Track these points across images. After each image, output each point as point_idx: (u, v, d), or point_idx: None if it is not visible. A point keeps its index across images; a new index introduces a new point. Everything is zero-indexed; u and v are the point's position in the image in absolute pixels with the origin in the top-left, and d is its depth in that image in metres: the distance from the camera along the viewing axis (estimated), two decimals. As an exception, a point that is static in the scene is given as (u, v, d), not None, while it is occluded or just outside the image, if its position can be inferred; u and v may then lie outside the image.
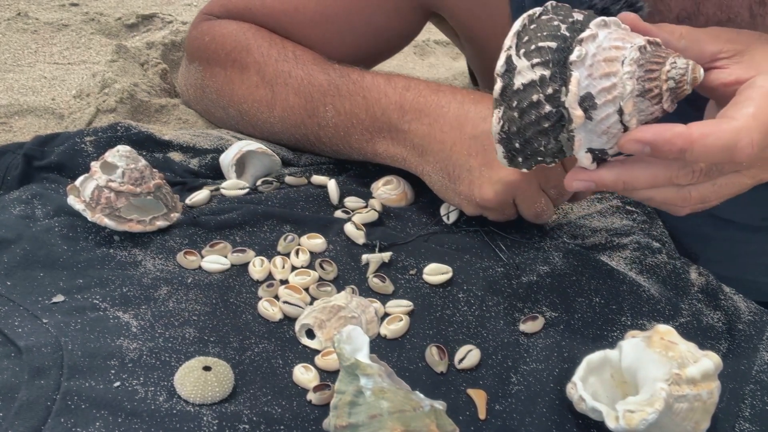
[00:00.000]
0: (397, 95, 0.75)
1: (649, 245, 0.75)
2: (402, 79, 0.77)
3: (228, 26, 0.87)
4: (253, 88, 0.82)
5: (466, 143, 0.71)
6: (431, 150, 0.73)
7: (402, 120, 0.74)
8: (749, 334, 0.67)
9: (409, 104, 0.74)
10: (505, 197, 0.70)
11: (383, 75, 0.78)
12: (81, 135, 0.78)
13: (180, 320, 0.60)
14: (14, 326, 0.57)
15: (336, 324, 0.61)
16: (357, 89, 0.77)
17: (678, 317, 0.67)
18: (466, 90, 0.76)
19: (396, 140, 0.75)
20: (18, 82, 1.06)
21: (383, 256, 0.69)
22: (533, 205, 0.71)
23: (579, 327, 0.65)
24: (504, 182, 0.69)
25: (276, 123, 0.82)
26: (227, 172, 0.78)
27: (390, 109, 0.75)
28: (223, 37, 0.86)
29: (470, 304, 0.66)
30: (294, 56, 0.82)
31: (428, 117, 0.73)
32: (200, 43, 0.88)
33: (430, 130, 0.73)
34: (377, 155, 0.77)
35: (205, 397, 0.53)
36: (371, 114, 0.76)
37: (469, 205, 0.72)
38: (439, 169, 0.73)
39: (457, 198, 0.73)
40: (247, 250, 0.67)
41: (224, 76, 0.85)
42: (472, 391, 0.58)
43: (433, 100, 0.74)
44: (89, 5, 1.33)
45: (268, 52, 0.83)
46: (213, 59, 0.86)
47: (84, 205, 0.66)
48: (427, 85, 0.76)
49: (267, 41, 0.84)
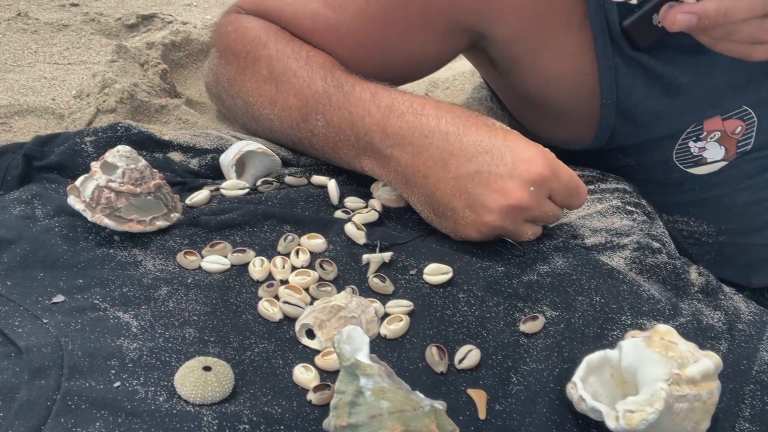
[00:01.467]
0: (380, 115, 0.73)
1: (649, 245, 0.75)
2: (387, 96, 0.74)
3: (253, 22, 0.86)
4: (260, 81, 0.82)
5: (450, 183, 0.70)
6: (414, 182, 0.72)
7: (384, 144, 0.73)
8: (749, 334, 0.67)
9: (391, 128, 0.72)
10: (490, 236, 0.71)
11: (371, 89, 0.75)
12: (81, 135, 0.78)
13: (180, 320, 0.60)
14: (14, 326, 0.57)
15: (336, 324, 0.61)
16: (344, 103, 0.75)
17: (678, 317, 0.67)
18: (453, 111, 0.73)
19: (379, 162, 0.74)
20: (18, 83, 1.06)
21: (384, 256, 0.69)
22: (520, 237, 0.72)
23: (579, 326, 0.65)
24: (488, 226, 0.69)
25: (275, 120, 0.81)
26: (227, 172, 0.78)
27: (373, 131, 0.73)
28: (245, 30, 0.85)
29: (470, 304, 0.66)
30: (306, 56, 0.81)
31: (411, 146, 0.71)
32: (223, 31, 0.88)
33: (413, 161, 0.71)
34: (364, 171, 0.77)
35: (205, 397, 0.53)
36: (356, 132, 0.74)
37: (455, 236, 0.72)
38: (423, 201, 0.72)
39: (442, 228, 0.73)
40: (247, 250, 0.67)
41: (238, 66, 0.85)
42: (472, 391, 0.58)
43: (416, 125, 0.71)
44: (89, 5, 1.33)
45: (282, 49, 0.82)
46: (230, 49, 0.86)
47: (84, 205, 0.66)
48: (412, 104, 0.73)
49: (285, 40, 0.83)
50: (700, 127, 0.86)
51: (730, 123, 0.86)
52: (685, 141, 0.88)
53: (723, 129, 0.86)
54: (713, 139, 0.87)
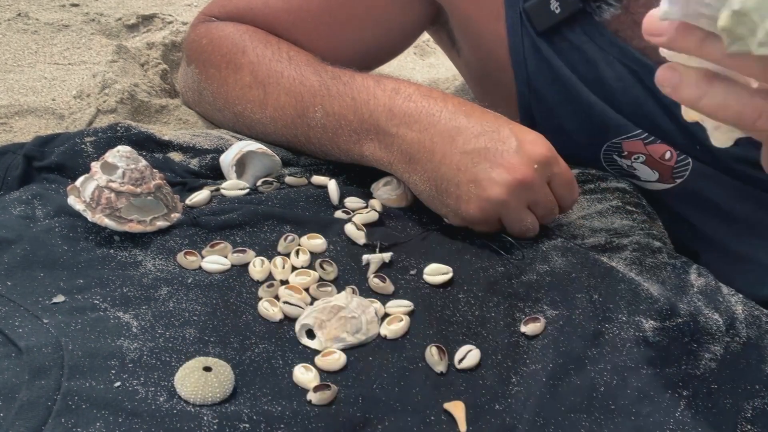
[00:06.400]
0: (386, 97, 0.74)
1: (649, 245, 0.75)
2: (392, 82, 0.76)
3: (225, 29, 0.86)
4: (246, 88, 0.82)
5: (456, 157, 0.70)
6: (419, 159, 0.72)
7: (390, 123, 0.73)
8: (749, 334, 0.67)
9: (398, 108, 0.73)
10: (492, 215, 0.71)
11: (373, 77, 0.77)
12: (81, 135, 0.78)
13: (180, 320, 0.60)
14: (15, 326, 0.57)
15: (336, 324, 0.61)
16: (346, 90, 0.76)
17: (676, 317, 0.67)
18: (458, 99, 0.75)
19: (383, 144, 0.74)
20: (18, 83, 1.06)
21: (384, 257, 0.69)
22: (519, 223, 0.72)
23: (579, 322, 0.65)
24: (491, 201, 0.69)
25: (268, 123, 0.82)
26: (227, 172, 0.78)
27: (378, 112, 0.74)
28: (220, 40, 0.86)
29: (470, 305, 0.66)
30: (288, 57, 0.82)
31: (418, 123, 0.72)
32: (197, 46, 0.88)
33: (420, 137, 0.72)
34: (364, 157, 0.77)
35: (205, 397, 0.53)
36: (359, 116, 0.75)
37: (455, 217, 0.72)
38: (426, 179, 0.72)
39: (443, 208, 0.73)
40: (248, 251, 0.67)
41: (219, 78, 0.85)
42: (450, 404, 0.57)
43: (423, 105, 0.73)
44: (90, 6, 1.33)
45: (262, 53, 0.82)
46: (209, 62, 0.86)
47: (84, 206, 0.66)
48: (418, 88, 0.75)
49: (263, 42, 0.84)
50: (620, 145, 0.81)
51: (655, 147, 0.80)
52: (608, 153, 0.83)
53: (647, 152, 0.81)
54: (638, 161, 0.82)
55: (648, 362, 0.62)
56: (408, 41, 0.94)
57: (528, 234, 0.73)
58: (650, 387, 0.60)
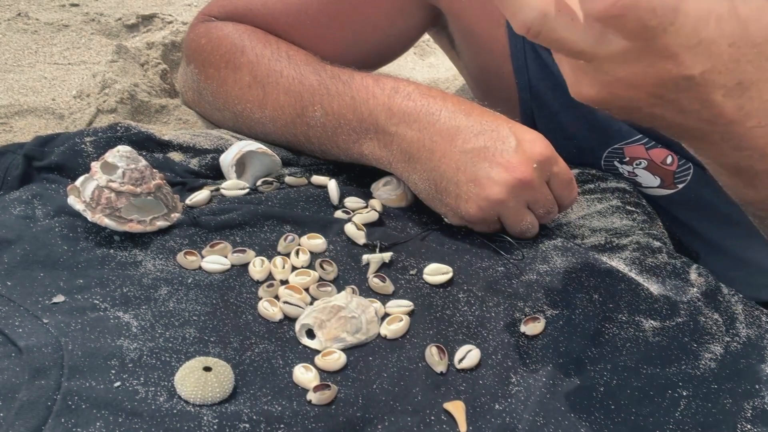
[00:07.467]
0: (386, 96, 0.74)
1: (649, 245, 0.75)
2: (391, 81, 0.76)
3: (225, 28, 0.86)
4: (245, 88, 0.82)
5: (455, 157, 0.70)
6: (419, 158, 0.72)
7: (389, 122, 0.74)
8: (749, 334, 0.67)
9: (398, 107, 0.73)
10: (491, 214, 0.71)
11: (373, 76, 0.77)
12: (81, 135, 0.78)
13: (180, 320, 0.60)
14: (14, 326, 0.57)
15: (336, 324, 0.61)
16: (346, 89, 0.76)
17: (675, 316, 0.67)
18: (457, 98, 0.75)
19: (382, 143, 0.75)
20: (18, 83, 1.06)
21: (384, 257, 0.69)
22: (519, 222, 0.72)
23: (579, 322, 0.65)
24: (490, 200, 0.69)
25: (267, 123, 0.82)
26: (227, 172, 0.78)
27: (377, 111, 0.74)
28: (219, 40, 0.86)
29: (470, 304, 0.66)
30: (287, 56, 0.82)
31: (418, 122, 0.72)
32: (197, 46, 0.88)
33: (419, 136, 0.72)
34: (363, 156, 0.77)
35: (205, 397, 0.53)
36: (358, 115, 0.75)
37: (455, 216, 0.72)
38: (425, 178, 0.72)
39: (442, 207, 0.73)
40: (248, 251, 0.67)
41: (219, 78, 0.85)
42: (449, 404, 0.57)
43: (423, 104, 0.73)
44: (89, 6, 1.33)
45: (261, 53, 0.83)
46: (208, 62, 0.86)
47: (84, 206, 0.66)
48: (417, 87, 0.75)
49: (262, 42, 0.84)
50: (621, 151, 0.83)
51: (656, 152, 0.81)
52: (609, 160, 0.84)
53: (649, 158, 0.82)
54: (640, 166, 0.83)
55: (648, 362, 0.62)
56: (407, 45, 0.94)
57: (527, 233, 0.73)
58: (650, 387, 0.60)
